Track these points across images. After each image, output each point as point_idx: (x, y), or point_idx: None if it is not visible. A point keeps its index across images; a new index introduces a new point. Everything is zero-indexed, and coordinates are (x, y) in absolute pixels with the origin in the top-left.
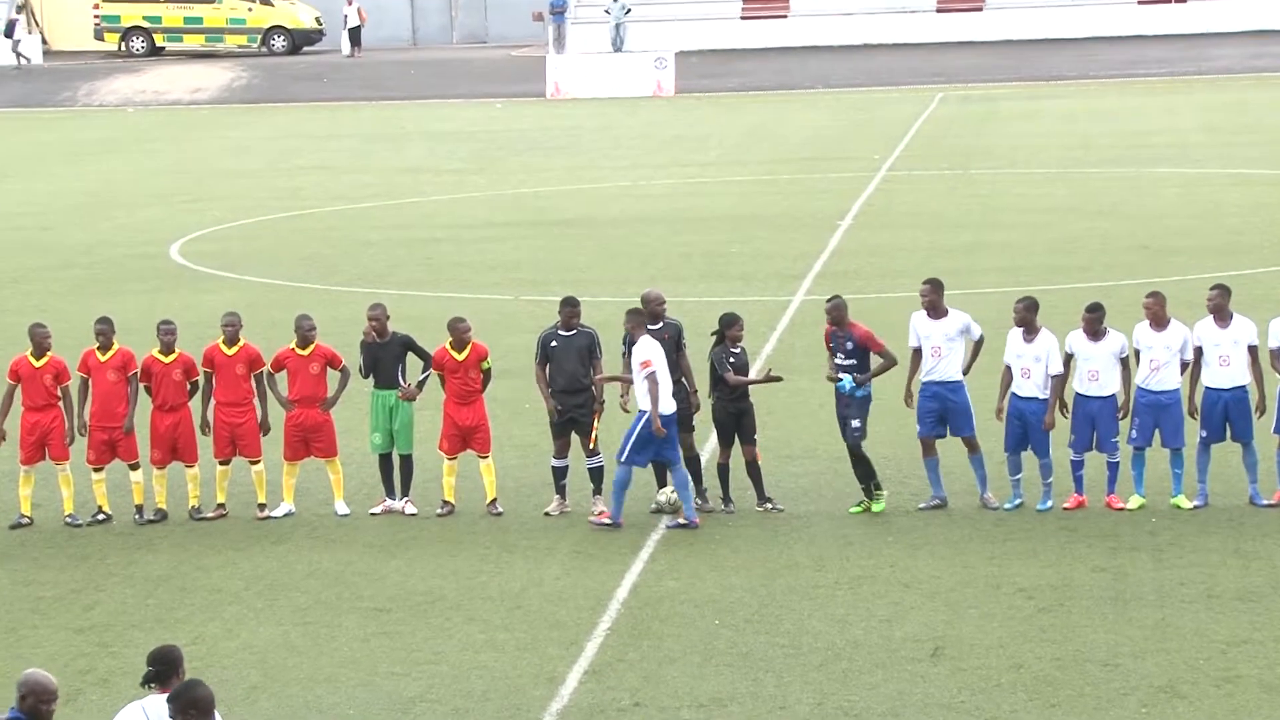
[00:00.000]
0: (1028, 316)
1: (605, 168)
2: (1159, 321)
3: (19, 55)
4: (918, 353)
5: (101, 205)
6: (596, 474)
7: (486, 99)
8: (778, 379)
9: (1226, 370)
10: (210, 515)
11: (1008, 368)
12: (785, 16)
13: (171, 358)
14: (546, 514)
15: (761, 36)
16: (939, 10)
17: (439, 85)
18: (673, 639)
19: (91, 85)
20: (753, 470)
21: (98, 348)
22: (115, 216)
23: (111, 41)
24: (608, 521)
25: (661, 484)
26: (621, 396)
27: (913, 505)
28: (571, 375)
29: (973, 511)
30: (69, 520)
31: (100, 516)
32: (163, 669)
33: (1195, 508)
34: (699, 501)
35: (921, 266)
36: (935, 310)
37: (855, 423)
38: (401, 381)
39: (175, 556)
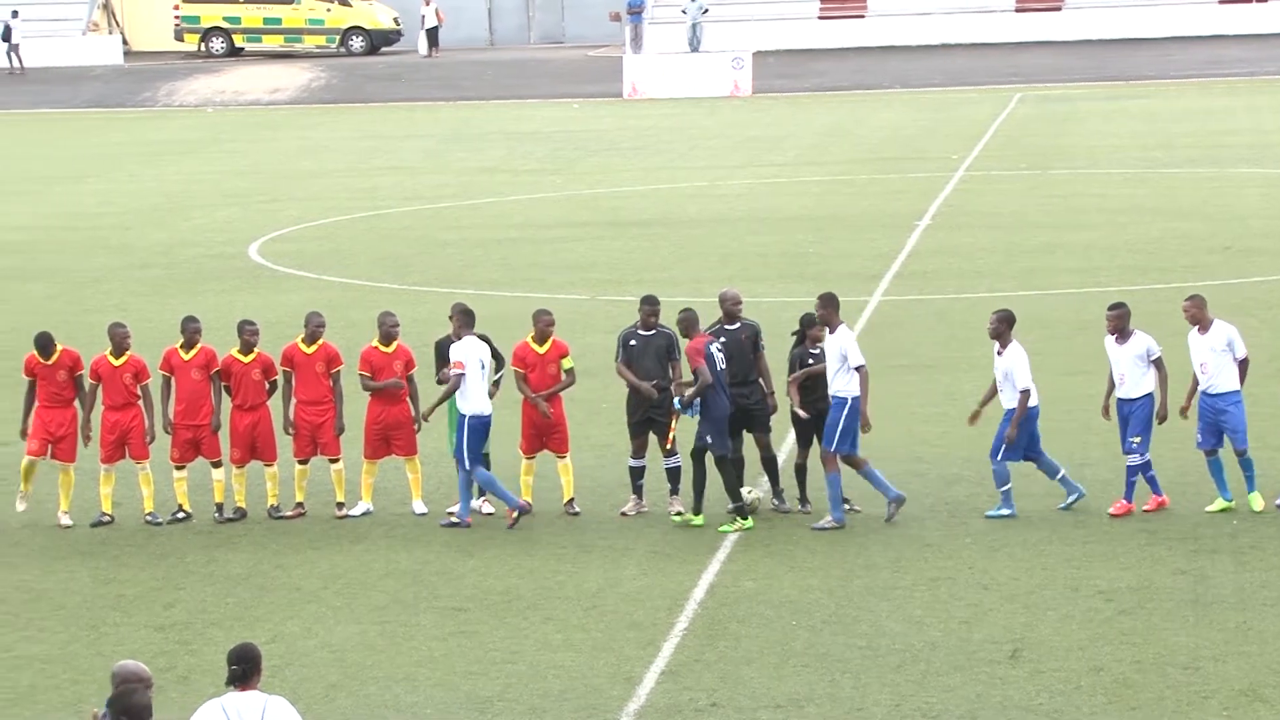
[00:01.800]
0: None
1: (682, 168)
2: (1201, 324)
3: (12, 59)
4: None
5: (180, 205)
6: (674, 474)
7: (563, 99)
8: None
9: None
10: (289, 514)
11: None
12: (863, 16)
13: (250, 357)
14: (623, 514)
15: (839, 36)
16: (1017, 10)
17: (516, 85)
18: (750, 639)
19: (171, 86)
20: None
21: (181, 346)
22: (194, 217)
23: (191, 42)
24: (455, 520)
25: (741, 484)
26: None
27: (992, 507)
28: (649, 375)
29: (1051, 514)
30: (149, 519)
31: (180, 515)
32: (245, 667)
33: (1278, 507)
34: (775, 502)
35: (1000, 267)
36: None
37: (705, 436)
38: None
39: (254, 555)
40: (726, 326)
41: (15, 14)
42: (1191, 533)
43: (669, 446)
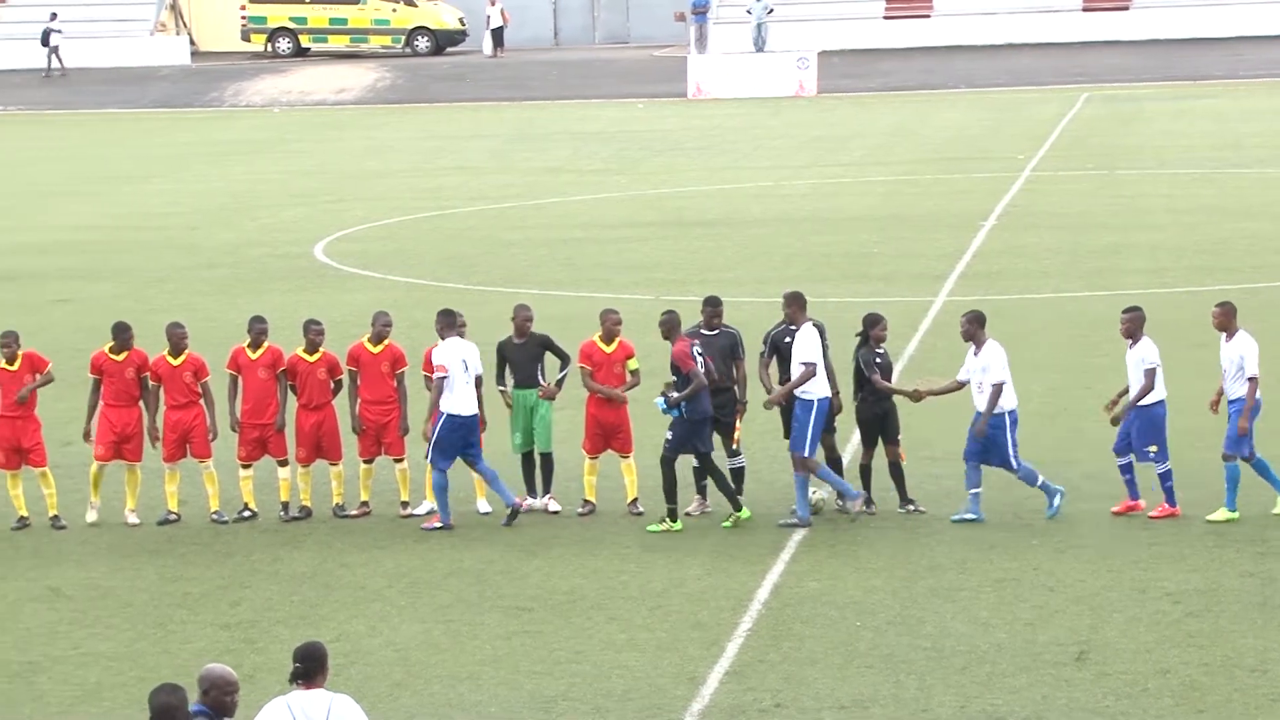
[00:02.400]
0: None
1: (746, 168)
2: (1226, 331)
3: (51, 61)
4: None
5: (246, 205)
6: (738, 474)
7: (628, 99)
8: (918, 397)
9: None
10: (354, 513)
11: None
12: (928, 16)
13: (316, 356)
14: (688, 514)
15: (904, 36)
16: (1084, 9)
17: (581, 85)
18: (814, 640)
19: (238, 86)
20: (895, 471)
21: (248, 345)
22: (260, 216)
23: (258, 42)
24: (438, 525)
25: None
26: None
27: (1062, 508)
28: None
29: (1118, 517)
30: (215, 517)
31: (246, 514)
32: (310, 665)
33: None
34: (839, 503)
35: (1066, 268)
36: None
37: (668, 433)
38: (541, 381)
39: (319, 554)
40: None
41: (54, 16)
42: (1259, 535)
43: (734, 446)
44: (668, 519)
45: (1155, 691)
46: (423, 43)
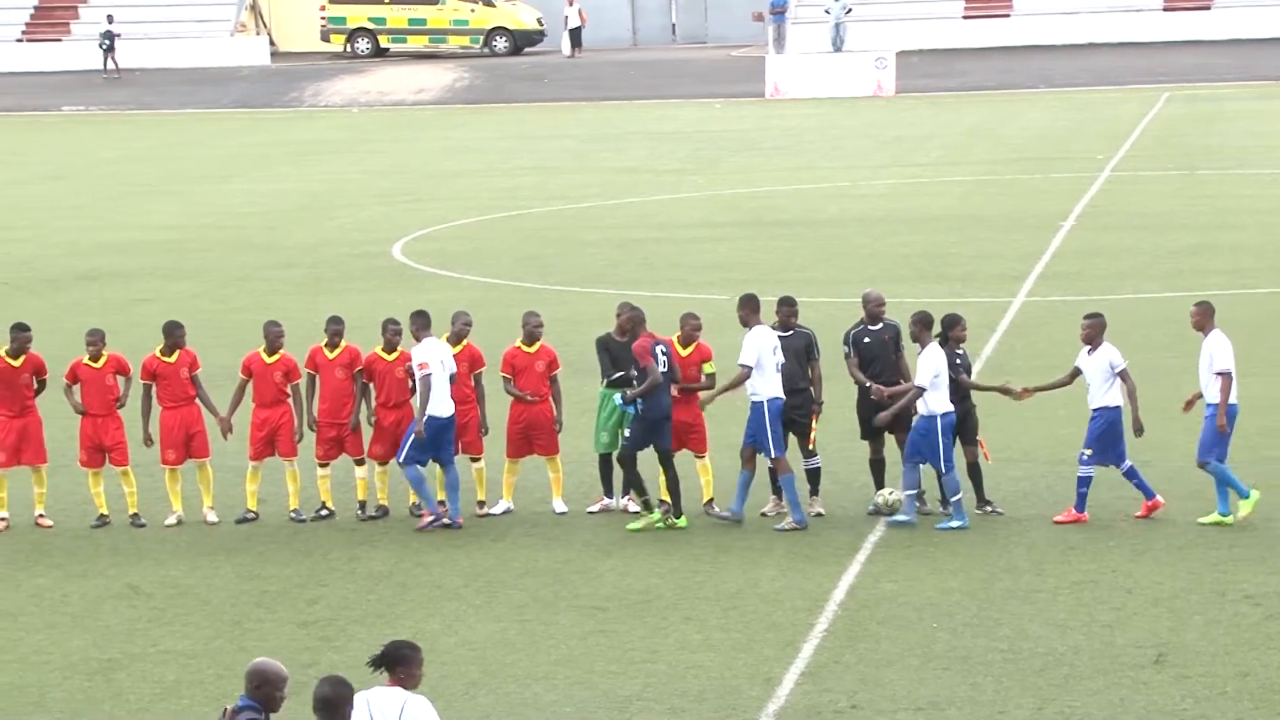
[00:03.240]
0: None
1: (824, 168)
2: (1201, 331)
3: (107, 63)
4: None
5: (325, 205)
6: (814, 475)
7: (705, 99)
8: (1009, 392)
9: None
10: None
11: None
12: (1008, 15)
13: (394, 356)
14: (763, 514)
15: (983, 36)
16: (1165, 9)
17: (658, 85)
18: (890, 641)
19: (317, 86)
20: (973, 472)
21: (326, 345)
22: (338, 216)
23: (337, 43)
24: (445, 521)
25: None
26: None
27: (1131, 510)
28: (789, 376)
29: (1197, 516)
30: (293, 516)
31: (324, 512)
32: (386, 659)
33: None
34: (919, 504)
35: (1146, 268)
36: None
37: (627, 431)
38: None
39: (396, 553)
40: (870, 327)
41: (110, 18)
42: None
43: (810, 447)
44: (644, 511)
45: (1234, 694)
46: (501, 43)
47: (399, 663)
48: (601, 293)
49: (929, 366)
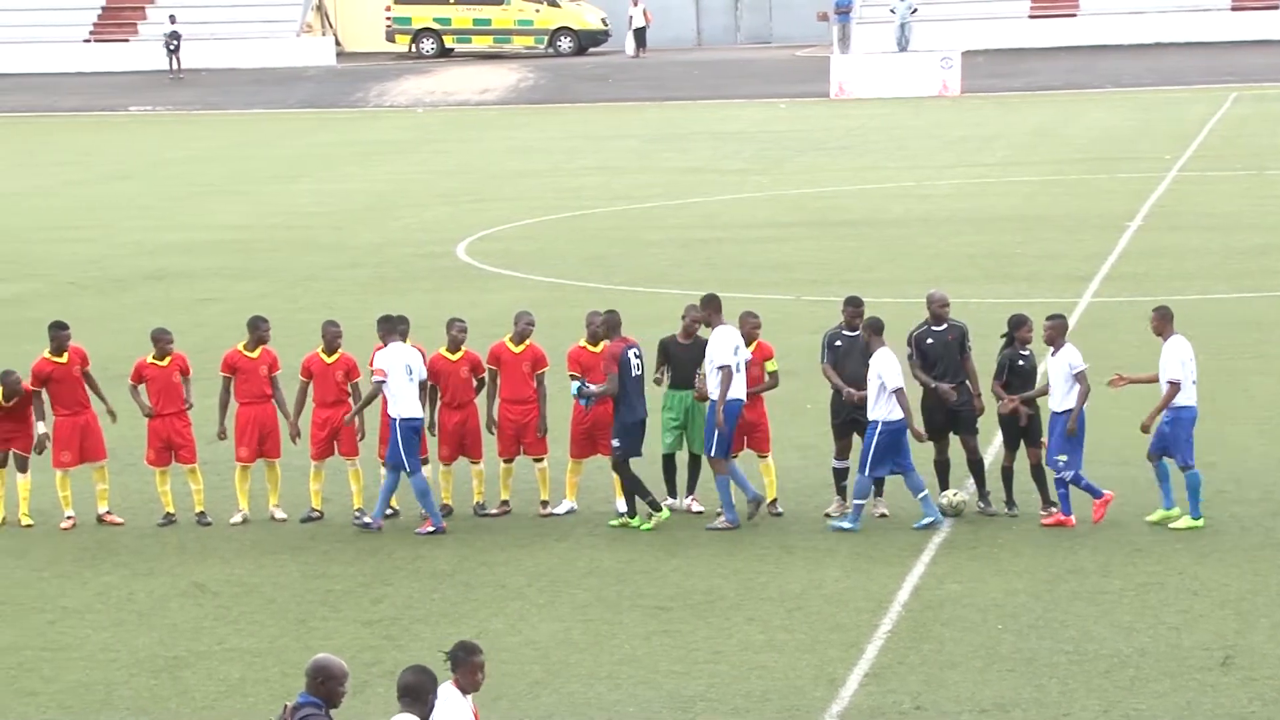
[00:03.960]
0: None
1: (888, 168)
2: (1160, 336)
3: (172, 63)
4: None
5: (390, 205)
6: (842, 474)
7: (770, 99)
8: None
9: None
10: (494, 511)
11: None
12: (1074, 15)
13: (458, 355)
14: (827, 515)
15: (1050, 35)
16: (1233, 8)
17: (722, 85)
18: (954, 643)
19: (382, 86)
20: (1037, 474)
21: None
22: (403, 216)
23: (402, 43)
24: (431, 529)
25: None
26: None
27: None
28: (855, 376)
29: (1266, 518)
30: (356, 515)
31: (388, 511)
32: (452, 662)
33: None
34: (981, 505)
35: (1213, 269)
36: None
37: (615, 441)
38: (698, 382)
39: (460, 552)
40: (934, 328)
41: (173, 18)
42: None
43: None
44: (652, 511)
45: None
46: (565, 43)
47: (455, 665)
48: (665, 293)
49: (889, 370)
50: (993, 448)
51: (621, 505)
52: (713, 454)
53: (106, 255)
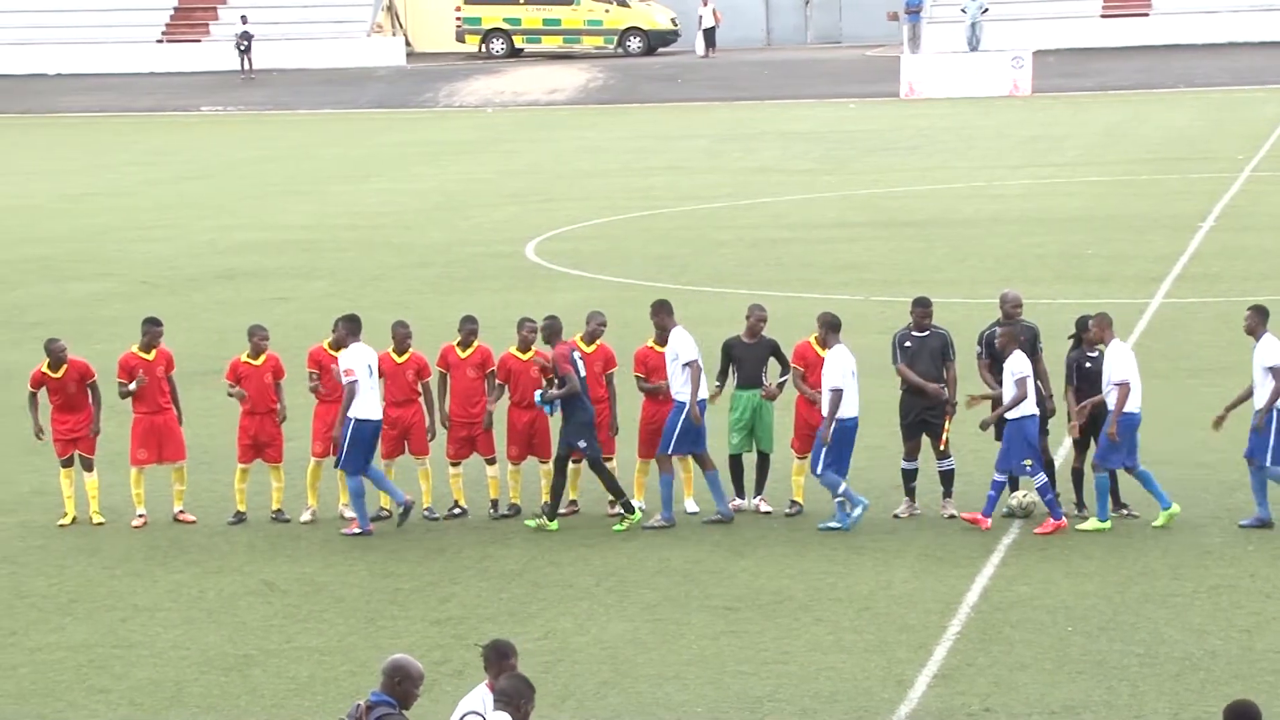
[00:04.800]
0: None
1: (958, 168)
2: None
3: (244, 63)
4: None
5: (459, 205)
6: (947, 476)
7: (839, 99)
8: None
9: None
10: (562, 511)
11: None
12: (1146, 14)
13: (528, 355)
14: (896, 516)
15: (1122, 35)
16: None
17: (792, 85)
18: (1024, 645)
19: (452, 86)
20: (1076, 477)
21: (458, 344)
22: (473, 216)
23: (472, 43)
24: (358, 530)
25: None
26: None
27: (1241, 515)
28: (924, 376)
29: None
30: (426, 514)
31: (456, 511)
32: (489, 658)
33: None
34: (1027, 503)
35: None
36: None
37: (581, 443)
38: (764, 381)
39: (528, 551)
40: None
41: (244, 19)
42: None
43: (943, 448)
44: (625, 514)
45: None
46: (635, 43)
47: (486, 665)
48: (733, 293)
49: (838, 368)
50: (1063, 449)
51: (691, 506)
52: (669, 452)
53: (179, 254)
